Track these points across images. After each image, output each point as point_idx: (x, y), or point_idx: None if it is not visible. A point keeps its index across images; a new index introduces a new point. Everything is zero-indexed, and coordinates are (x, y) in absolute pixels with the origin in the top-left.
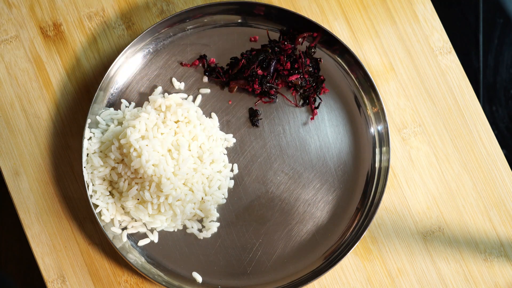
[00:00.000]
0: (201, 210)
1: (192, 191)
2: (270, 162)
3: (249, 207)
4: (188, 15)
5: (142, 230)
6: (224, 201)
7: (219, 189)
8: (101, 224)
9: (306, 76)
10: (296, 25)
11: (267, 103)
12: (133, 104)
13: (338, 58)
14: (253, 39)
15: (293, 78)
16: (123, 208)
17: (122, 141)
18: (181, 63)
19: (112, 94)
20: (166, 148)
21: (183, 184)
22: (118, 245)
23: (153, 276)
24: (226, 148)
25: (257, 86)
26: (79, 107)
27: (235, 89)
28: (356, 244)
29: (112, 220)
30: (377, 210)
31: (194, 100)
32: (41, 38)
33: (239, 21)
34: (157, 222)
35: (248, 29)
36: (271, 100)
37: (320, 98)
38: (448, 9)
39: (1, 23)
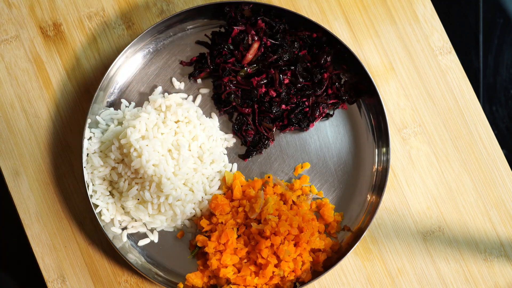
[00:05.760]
0: (201, 210)
1: (192, 191)
2: (270, 162)
3: None
4: (188, 15)
5: (142, 230)
6: None
7: (219, 189)
8: (101, 224)
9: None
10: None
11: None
12: (133, 104)
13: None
14: None
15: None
16: (123, 208)
17: (122, 141)
18: (181, 63)
19: (112, 94)
20: (166, 148)
21: (183, 184)
22: (118, 245)
23: (153, 276)
24: (226, 148)
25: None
26: (79, 107)
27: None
28: (356, 244)
29: (112, 220)
30: (377, 210)
31: (194, 100)
32: (41, 38)
33: None
34: (157, 222)
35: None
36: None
37: (333, 113)
38: (448, 9)
39: (1, 23)
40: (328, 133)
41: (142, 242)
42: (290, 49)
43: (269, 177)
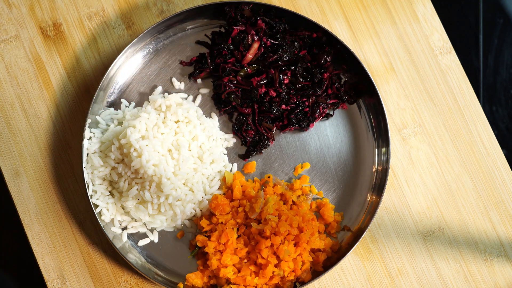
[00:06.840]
0: (201, 210)
1: (192, 191)
2: (270, 162)
3: None
4: (188, 15)
5: (142, 230)
6: None
7: (219, 189)
8: (101, 224)
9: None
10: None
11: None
12: (133, 104)
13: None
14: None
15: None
16: (123, 208)
17: (122, 141)
18: (181, 63)
19: (112, 94)
20: (166, 148)
21: (183, 184)
22: (118, 245)
23: (153, 276)
24: (226, 148)
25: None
26: (79, 107)
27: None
28: (356, 244)
29: (112, 220)
30: (377, 210)
31: (194, 100)
32: (41, 38)
33: None
34: (157, 222)
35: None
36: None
37: (332, 113)
38: (448, 9)
39: (1, 23)
40: (328, 133)
41: (142, 242)
42: (290, 49)
43: (269, 177)
